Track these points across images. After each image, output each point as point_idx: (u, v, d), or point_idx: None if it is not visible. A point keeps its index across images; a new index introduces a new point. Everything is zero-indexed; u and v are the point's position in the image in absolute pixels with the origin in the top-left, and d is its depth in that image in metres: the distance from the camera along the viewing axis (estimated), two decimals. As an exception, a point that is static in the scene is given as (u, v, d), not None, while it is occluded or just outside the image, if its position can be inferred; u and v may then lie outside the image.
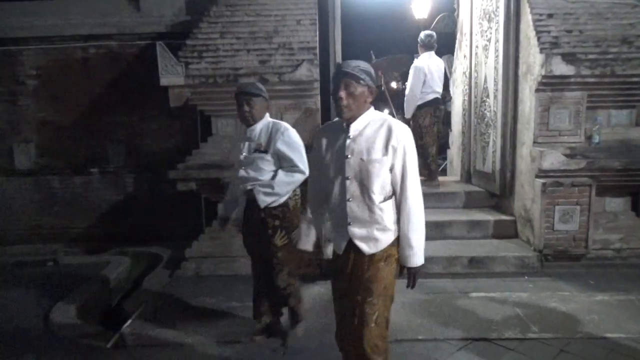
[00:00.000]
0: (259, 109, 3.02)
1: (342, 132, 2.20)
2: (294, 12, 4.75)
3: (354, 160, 2.15)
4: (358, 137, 2.16)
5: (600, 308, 3.73)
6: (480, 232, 5.08)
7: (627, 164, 4.44)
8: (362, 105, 2.15)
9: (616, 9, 4.66)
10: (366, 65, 2.14)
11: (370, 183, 2.13)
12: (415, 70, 5.82)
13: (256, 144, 3.03)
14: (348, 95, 2.10)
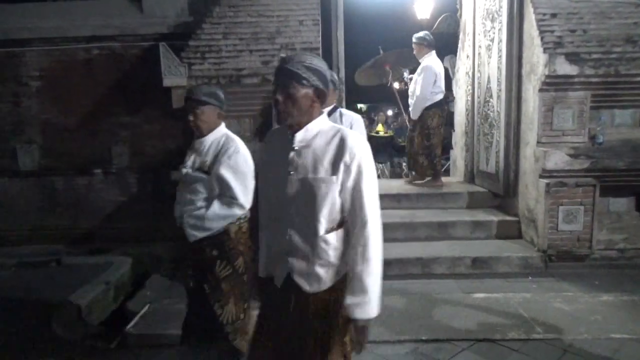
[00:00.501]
0: (206, 119, 2.61)
1: (287, 143, 1.80)
2: (297, 13, 4.75)
3: (298, 179, 1.76)
4: (304, 149, 1.76)
5: (605, 309, 3.71)
6: (484, 233, 5.07)
7: (631, 163, 4.42)
8: (306, 110, 1.74)
9: (620, 9, 4.64)
10: (314, 61, 1.74)
11: (314, 208, 1.73)
12: (426, 70, 5.70)
13: (201, 161, 2.62)
14: (287, 98, 1.71)
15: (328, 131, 1.78)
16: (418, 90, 5.76)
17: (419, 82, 5.76)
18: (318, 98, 1.75)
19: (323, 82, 1.74)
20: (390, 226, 5.06)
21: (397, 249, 4.74)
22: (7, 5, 5.77)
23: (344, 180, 1.72)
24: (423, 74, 5.73)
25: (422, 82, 5.69)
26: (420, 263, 4.55)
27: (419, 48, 5.92)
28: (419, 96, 5.76)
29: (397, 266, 4.55)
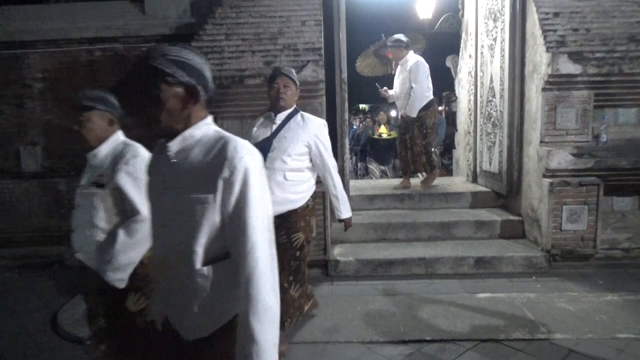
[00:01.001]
0: (93, 127, 2.34)
1: (163, 155, 1.50)
2: (299, 13, 4.74)
3: (171, 199, 1.45)
4: (182, 162, 1.44)
5: (610, 308, 3.70)
6: (487, 232, 5.05)
7: (635, 162, 4.41)
8: (178, 114, 1.43)
9: (623, 7, 4.62)
10: (183, 53, 1.43)
11: (190, 235, 1.40)
12: (422, 66, 5.66)
13: (97, 175, 2.25)
14: (152, 100, 1.43)
15: (211, 139, 1.44)
16: (416, 86, 5.61)
17: (415, 78, 5.62)
18: (192, 97, 1.43)
19: (197, 78, 1.43)
20: (393, 226, 5.06)
21: (399, 250, 4.73)
22: (10, 7, 5.78)
23: (225, 200, 1.37)
24: (418, 69, 5.62)
25: (419, 77, 5.60)
26: (424, 263, 4.54)
27: (398, 51, 5.87)
28: (417, 93, 5.63)
29: (400, 267, 4.54)
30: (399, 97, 5.93)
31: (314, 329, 3.50)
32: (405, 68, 5.76)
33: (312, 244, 4.46)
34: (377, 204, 5.58)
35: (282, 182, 3.06)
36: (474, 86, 6.08)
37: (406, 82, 5.73)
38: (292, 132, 3.10)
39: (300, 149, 3.09)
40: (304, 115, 3.20)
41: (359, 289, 4.23)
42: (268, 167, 2.97)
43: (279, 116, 3.17)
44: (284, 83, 3.14)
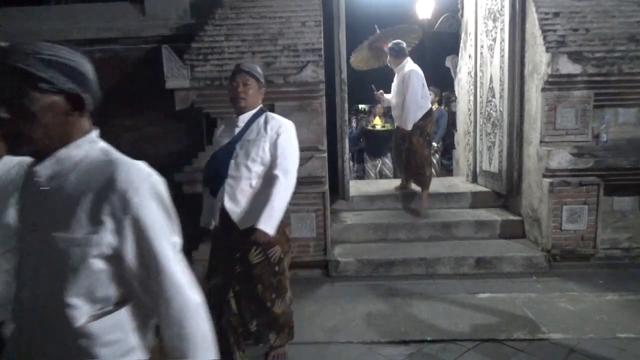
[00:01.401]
0: None
1: (31, 180, 1.17)
2: (299, 14, 4.75)
3: (39, 238, 1.13)
4: (54, 191, 1.12)
5: (610, 308, 3.70)
6: (488, 232, 5.06)
7: (636, 162, 4.41)
8: (57, 129, 1.12)
9: (623, 7, 4.63)
10: (60, 52, 1.18)
11: (63, 285, 1.09)
12: (415, 75, 5.23)
13: None
14: (15, 113, 1.08)
15: (95, 162, 1.15)
16: (408, 97, 5.19)
17: (406, 89, 5.22)
18: (75, 109, 1.14)
19: (79, 83, 1.16)
20: (394, 226, 5.07)
21: (400, 250, 4.74)
22: (10, 9, 5.78)
23: (116, 241, 1.10)
24: (410, 79, 5.20)
25: (411, 87, 5.17)
26: (424, 263, 4.54)
27: (392, 59, 5.57)
28: (410, 105, 5.19)
29: (400, 267, 4.54)
30: (395, 107, 5.61)
31: (315, 330, 3.50)
32: (400, 77, 5.43)
33: (313, 244, 4.48)
34: (378, 204, 5.58)
35: (249, 191, 2.77)
36: (473, 86, 6.08)
37: (401, 92, 5.37)
38: (255, 134, 2.80)
39: (265, 153, 2.78)
40: (269, 116, 2.88)
41: (360, 289, 4.23)
42: (232, 175, 2.75)
43: (241, 118, 2.87)
44: (244, 81, 2.83)
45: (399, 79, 5.44)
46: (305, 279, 4.50)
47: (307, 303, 3.98)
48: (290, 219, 4.47)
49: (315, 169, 4.43)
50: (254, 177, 2.78)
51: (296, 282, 4.43)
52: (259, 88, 2.92)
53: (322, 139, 4.61)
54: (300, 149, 4.51)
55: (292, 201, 4.41)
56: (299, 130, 4.57)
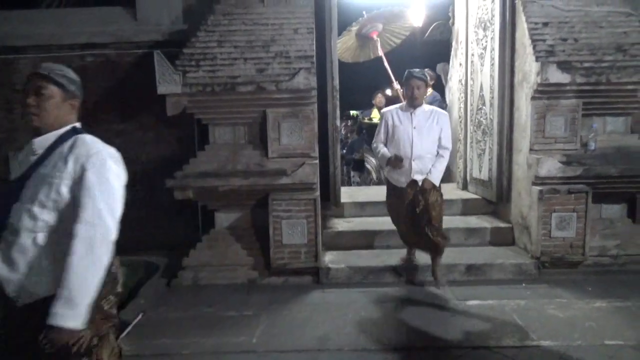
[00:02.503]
0: None
1: None
2: (291, 21, 4.77)
3: None
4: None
5: (599, 315, 3.73)
6: (478, 239, 5.09)
7: (623, 170, 4.46)
8: None
9: (610, 18, 4.70)
10: None
11: None
12: (447, 116, 4.34)
13: None
14: None
15: None
16: (448, 142, 4.18)
17: (447, 136, 4.19)
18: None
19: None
20: (384, 233, 5.08)
21: (391, 257, 4.74)
22: (2, 12, 5.74)
23: None
24: (444, 117, 4.24)
25: (448, 130, 4.21)
26: (415, 270, 4.55)
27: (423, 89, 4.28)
28: (446, 154, 4.20)
29: (391, 274, 4.55)
30: (417, 157, 4.08)
31: (306, 337, 3.49)
32: (427, 115, 4.16)
33: (304, 251, 4.49)
34: (369, 211, 5.59)
35: (31, 250, 1.78)
36: (464, 94, 6.14)
37: (434, 134, 4.13)
38: (51, 167, 1.83)
39: (60, 195, 1.80)
40: (79, 141, 1.91)
41: (351, 296, 4.23)
42: (12, 225, 1.80)
43: (37, 142, 1.89)
44: (36, 89, 1.86)
45: (424, 116, 4.11)
46: (296, 286, 4.49)
47: (297, 310, 3.97)
48: (281, 225, 4.49)
49: (306, 176, 4.44)
50: (39, 230, 1.79)
51: (287, 289, 4.44)
52: (64, 99, 1.94)
53: (313, 145, 4.62)
54: (292, 156, 4.59)
55: (284, 208, 4.50)
56: (291, 137, 4.64)
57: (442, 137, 4.11)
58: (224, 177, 4.47)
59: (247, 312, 3.94)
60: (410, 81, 4.05)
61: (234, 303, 4.11)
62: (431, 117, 4.13)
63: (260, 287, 4.50)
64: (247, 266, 4.65)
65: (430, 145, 4.11)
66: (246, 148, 4.73)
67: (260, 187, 4.50)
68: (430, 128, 4.10)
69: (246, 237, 4.78)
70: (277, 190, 4.49)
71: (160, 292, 4.47)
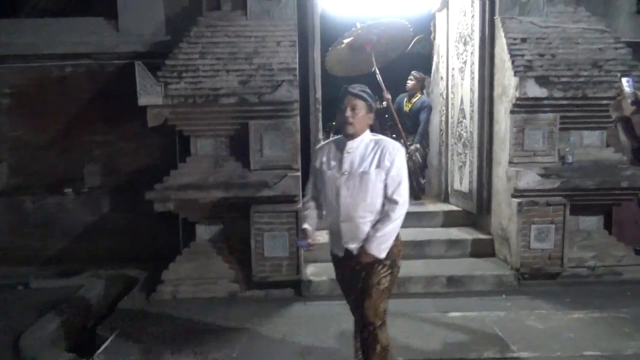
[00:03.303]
0: None
1: None
2: (274, 34, 4.79)
3: None
4: None
5: (577, 326, 3.78)
6: (459, 251, 5.12)
7: (600, 183, 4.55)
8: None
9: (586, 34, 4.82)
10: None
11: None
12: None
13: None
14: None
15: None
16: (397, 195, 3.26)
17: (390, 176, 4.51)
18: None
19: None
20: (367, 245, 5.07)
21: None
22: (-21, 21, 5.66)
23: None
24: (398, 157, 4.65)
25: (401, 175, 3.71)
26: (397, 282, 4.55)
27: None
28: (399, 209, 4.25)
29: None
30: (348, 217, 2.75)
31: (287, 351, 3.46)
32: (366, 151, 2.78)
33: (285, 264, 4.46)
34: (351, 223, 5.58)
35: None
36: (445, 107, 6.21)
37: (374, 182, 2.74)
38: None
39: None
40: None
41: (333, 308, 4.20)
42: None
43: None
44: None
45: (362, 154, 2.73)
46: (278, 299, 4.46)
47: (279, 323, 3.94)
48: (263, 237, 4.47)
49: (288, 188, 4.43)
50: None
51: (268, 302, 4.40)
52: None
53: (296, 157, 4.62)
54: (274, 168, 4.59)
55: (266, 220, 4.47)
56: (274, 149, 4.63)
57: (388, 184, 2.62)
58: (205, 189, 4.44)
59: (228, 326, 3.89)
60: (344, 100, 2.68)
61: (215, 317, 4.05)
62: (373, 154, 2.65)
63: (241, 301, 4.46)
64: (228, 279, 4.61)
65: (368, 200, 2.63)
66: (228, 160, 4.71)
67: (242, 199, 4.47)
68: (367, 172, 2.63)
69: (227, 249, 4.75)
70: (259, 203, 4.47)
71: (139, 307, 4.39)
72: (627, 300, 4.23)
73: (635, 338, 3.51)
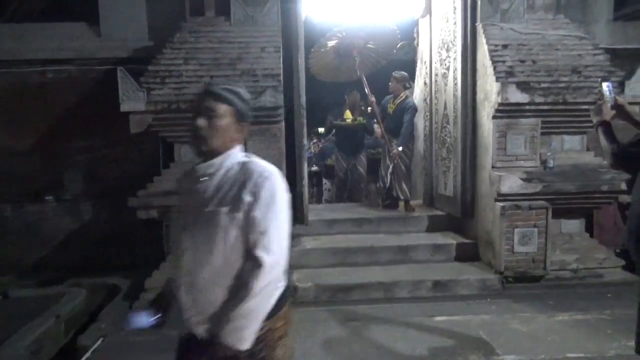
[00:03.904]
0: None
1: None
2: (258, 40, 4.79)
3: None
4: None
5: (561, 328, 3.82)
6: (444, 255, 5.15)
7: (581, 187, 4.62)
8: None
9: (565, 41, 4.91)
10: None
11: None
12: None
13: None
14: None
15: None
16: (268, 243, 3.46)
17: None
18: None
19: None
20: (352, 251, 5.09)
21: (359, 274, 4.75)
22: (-43, 27, 5.56)
23: None
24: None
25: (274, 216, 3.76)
26: (382, 287, 4.56)
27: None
28: (269, 265, 4.39)
29: (359, 291, 4.54)
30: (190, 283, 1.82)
31: None
32: (220, 184, 1.89)
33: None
34: (337, 229, 5.59)
35: None
36: (428, 112, 6.26)
37: (229, 230, 1.83)
38: None
39: None
40: None
41: (319, 315, 4.19)
42: None
43: None
44: None
45: (216, 189, 1.83)
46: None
47: (265, 330, 3.90)
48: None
49: (274, 194, 4.40)
50: None
51: (254, 309, 4.35)
52: None
53: (281, 163, 4.61)
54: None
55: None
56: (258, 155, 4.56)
57: (250, 232, 1.68)
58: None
59: (213, 334, 3.84)
60: (198, 103, 1.77)
61: (200, 325, 4.00)
62: (231, 184, 1.74)
63: (226, 308, 4.41)
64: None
65: (217, 256, 1.70)
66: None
67: (227, 205, 4.43)
68: (216, 213, 1.70)
69: (212, 256, 4.70)
70: (244, 209, 4.44)
71: (122, 315, 4.32)
72: (609, 302, 4.28)
73: (617, 339, 3.56)
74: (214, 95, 1.75)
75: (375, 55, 6.44)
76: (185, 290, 1.76)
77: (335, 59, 6.02)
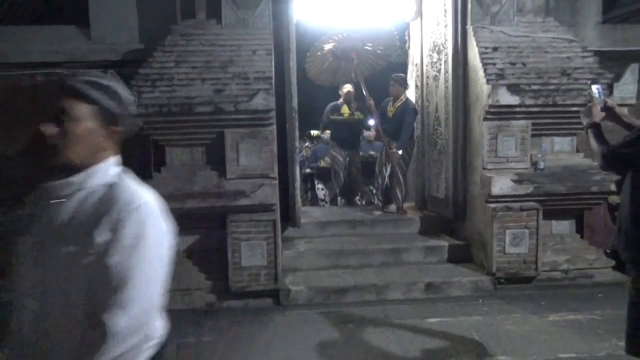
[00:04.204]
0: None
1: None
2: (250, 43, 4.78)
3: None
4: None
5: (552, 329, 3.84)
6: (437, 257, 5.17)
7: (571, 188, 4.66)
8: None
9: (555, 44, 4.95)
10: None
11: None
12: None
13: None
14: None
15: None
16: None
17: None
18: None
19: None
20: (345, 253, 5.09)
21: (352, 276, 4.75)
22: (-55, 29, 5.51)
23: None
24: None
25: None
26: (375, 289, 4.57)
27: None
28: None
29: (352, 293, 4.55)
30: None
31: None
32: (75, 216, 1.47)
33: (264, 273, 4.43)
34: (330, 231, 5.59)
35: None
36: (420, 115, 6.28)
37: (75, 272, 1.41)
38: None
39: None
40: None
41: (312, 317, 4.19)
42: None
43: None
44: None
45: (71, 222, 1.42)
46: (256, 309, 4.42)
47: (257, 334, 3.90)
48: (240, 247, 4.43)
49: (266, 197, 4.41)
50: None
51: (246, 312, 4.36)
52: None
53: (272, 166, 4.61)
54: (251, 177, 4.56)
55: (243, 229, 4.44)
56: (250, 158, 4.61)
57: (102, 287, 1.22)
58: (180, 199, 4.38)
59: (205, 338, 3.83)
60: (51, 104, 1.44)
61: (191, 329, 3.98)
62: (88, 213, 1.31)
63: (219, 312, 4.40)
64: (205, 290, 4.54)
65: (61, 316, 1.26)
66: (204, 169, 4.66)
67: (219, 208, 4.43)
68: (63, 253, 1.27)
69: (204, 259, 4.69)
70: (236, 212, 4.44)
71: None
72: (600, 302, 4.32)
73: (608, 339, 3.59)
74: (69, 91, 1.37)
75: (374, 57, 6.46)
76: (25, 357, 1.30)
77: (333, 62, 6.00)
